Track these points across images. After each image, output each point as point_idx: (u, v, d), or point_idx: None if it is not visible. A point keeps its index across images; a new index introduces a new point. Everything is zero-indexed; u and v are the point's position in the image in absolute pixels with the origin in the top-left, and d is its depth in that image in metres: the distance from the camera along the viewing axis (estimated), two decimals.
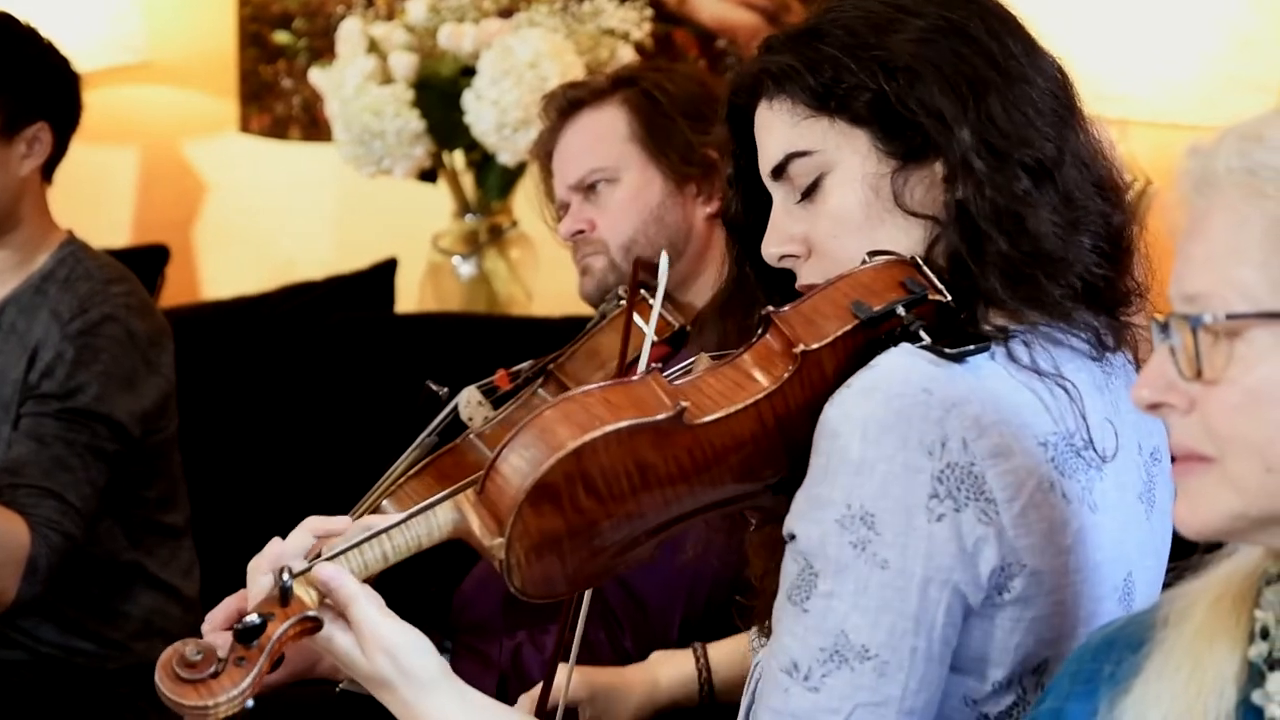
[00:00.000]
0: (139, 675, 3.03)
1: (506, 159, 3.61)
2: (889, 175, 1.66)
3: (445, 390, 2.41)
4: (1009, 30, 1.72)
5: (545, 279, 3.81)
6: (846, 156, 1.68)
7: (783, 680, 1.55)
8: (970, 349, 1.58)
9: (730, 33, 3.97)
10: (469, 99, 3.58)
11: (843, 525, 1.53)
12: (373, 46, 3.73)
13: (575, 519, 1.56)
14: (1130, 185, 1.74)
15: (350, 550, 1.57)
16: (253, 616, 1.53)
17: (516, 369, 2.54)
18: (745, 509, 1.69)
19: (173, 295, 4.05)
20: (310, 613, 1.55)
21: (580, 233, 2.55)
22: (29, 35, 3.01)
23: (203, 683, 1.53)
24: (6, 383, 2.93)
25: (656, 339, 2.43)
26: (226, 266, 4.32)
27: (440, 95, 3.66)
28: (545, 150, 2.61)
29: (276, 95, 4.24)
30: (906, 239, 1.66)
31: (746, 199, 1.78)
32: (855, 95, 1.67)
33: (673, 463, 1.57)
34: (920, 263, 1.64)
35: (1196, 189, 1.30)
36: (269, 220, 4.29)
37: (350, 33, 3.76)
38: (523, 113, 3.48)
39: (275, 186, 4.29)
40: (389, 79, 3.68)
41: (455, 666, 2.35)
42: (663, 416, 1.55)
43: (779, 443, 1.60)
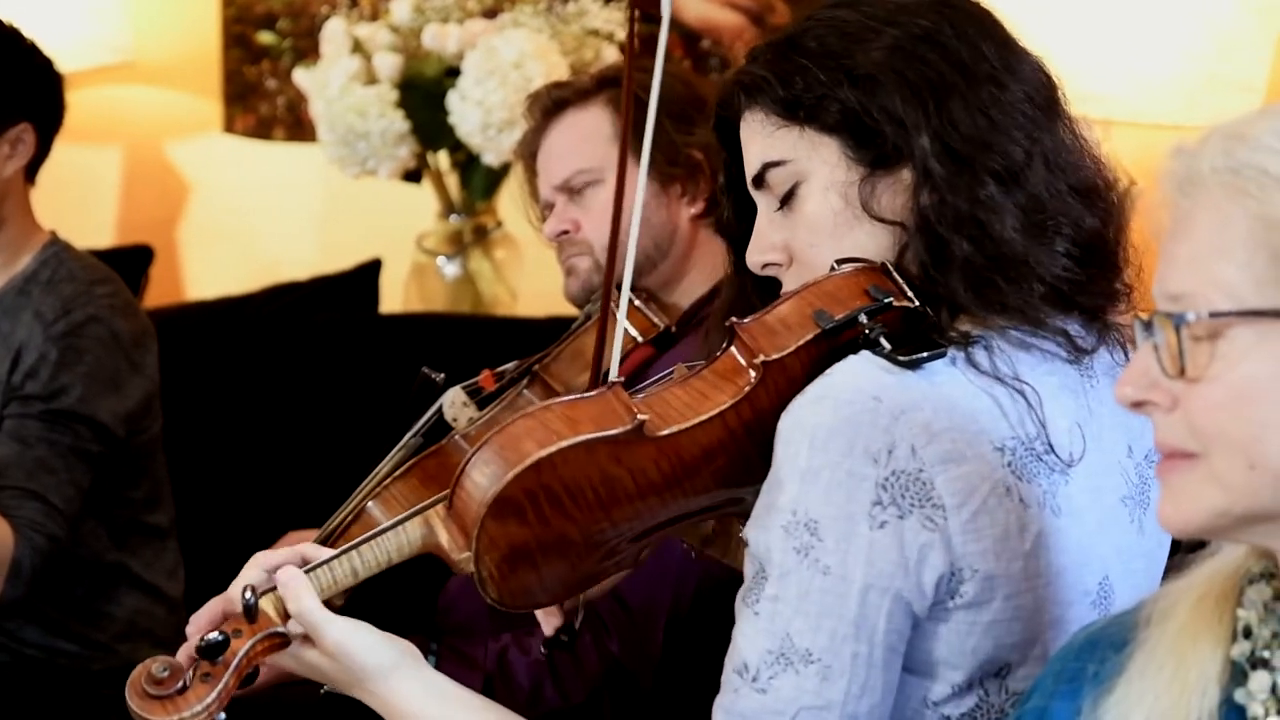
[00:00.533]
0: (123, 677, 3.01)
1: (491, 159, 3.61)
2: (857, 183, 1.68)
3: (442, 376, 2.41)
4: (982, 33, 1.72)
5: (530, 279, 3.81)
6: (818, 165, 1.70)
7: (734, 680, 1.57)
8: (924, 356, 1.58)
9: (715, 33, 3.97)
10: (453, 99, 3.58)
11: (788, 531, 1.55)
12: (357, 47, 3.73)
13: (543, 531, 1.58)
14: (1117, 185, 1.74)
15: (319, 568, 1.60)
16: (215, 634, 1.57)
17: (501, 370, 2.54)
18: (732, 514, 1.70)
19: (157, 296, 4.05)
20: (276, 629, 1.59)
21: (565, 233, 2.55)
22: (11, 35, 3.01)
23: (169, 699, 1.57)
24: None
25: (641, 339, 2.43)
26: (211, 267, 4.31)
27: (425, 96, 3.66)
28: (530, 150, 2.61)
29: (261, 96, 4.23)
30: (876, 246, 1.67)
31: (738, 208, 1.80)
32: (824, 105, 1.68)
33: (640, 474, 1.59)
34: (891, 269, 1.65)
35: (1180, 189, 1.30)
36: (253, 221, 4.29)
37: (334, 33, 3.76)
38: (507, 113, 3.48)
39: (259, 187, 4.28)
40: (373, 80, 3.68)
41: (440, 668, 2.35)
42: (620, 430, 1.57)
43: (752, 451, 1.61)
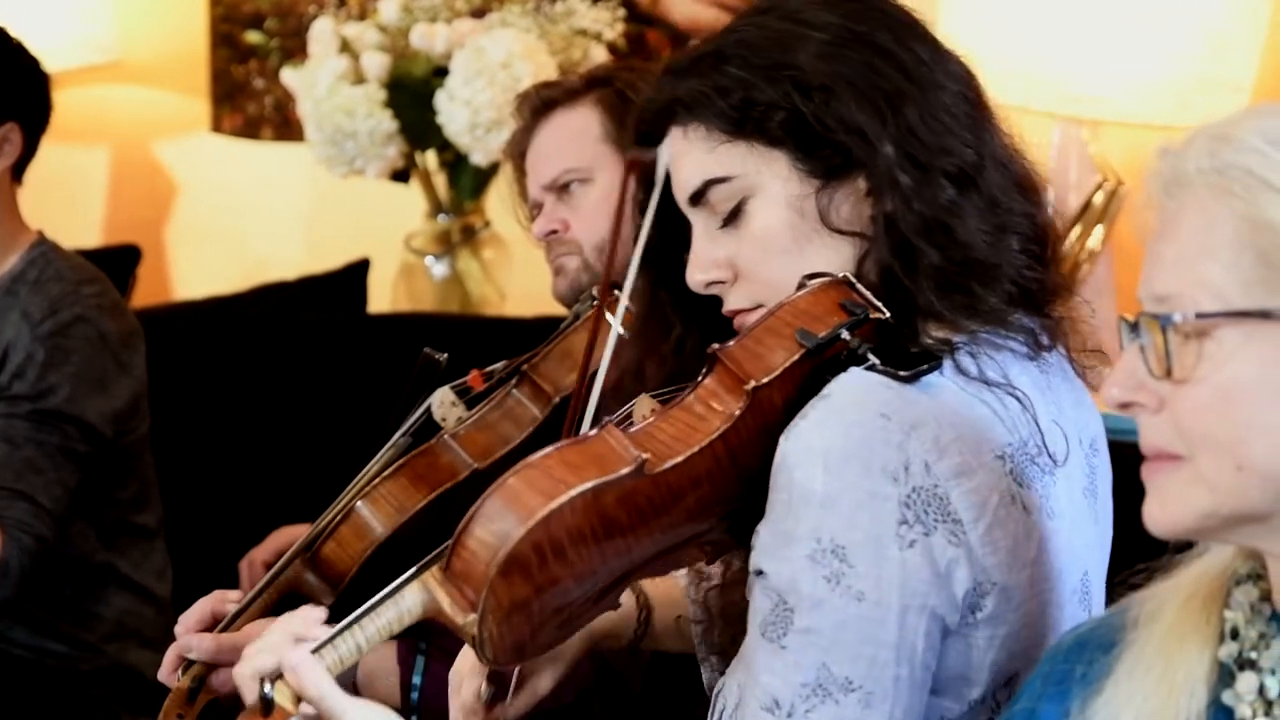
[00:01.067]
0: (111, 677, 3.03)
1: (479, 159, 3.60)
2: (813, 195, 1.65)
3: (444, 356, 2.40)
4: (915, 36, 1.70)
5: (518, 279, 3.81)
6: (768, 180, 1.66)
7: (764, 718, 1.53)
8: (923, 368, 1.57)
9: (702, 33, 3.97)
10: (441, 99, 3.58)
11: (814, 560, 1.51)
12: (345, 46, 3.72)
13: (545, 584, 1.53)
14: (1047, 181, 1.72)
15: (324, 647, 1.54)
16: None
17: (490, 369, 2.53)
18: (701, 544, 1.67)
19: (144, 296, 4.04)
20: (294, 718, 1.52)
21: (554, 233, 2.55)
22: None
23: None
24: None
25: (624, 333, 2.42)
26: (198, 267, 4.31)
27: (413, 95, 3.65)
28: (518, 150, 2.60)
29: (248, 95, 4.22)
30: (836, 257, 1.65)
31: (660, 225, 1.75)
32: (770, 116, 1.64)
33: (634, 513, 1.55)
34: (854, 281, 1.63)
35: (1166, 190, 1.30)
36: (241, 220, 4.28)
37: (322, 33, 3.75)
38: (495, 113, 3.48)
39: (247, 187, 4.27)
40: (361, 79, 3.67)
41: (430, 669, 2.35)
42: (626, 471, 1.53)
43: (734, 477, 1.59)
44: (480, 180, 3.79)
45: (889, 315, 1.61)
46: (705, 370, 1.60)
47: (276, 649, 1.55)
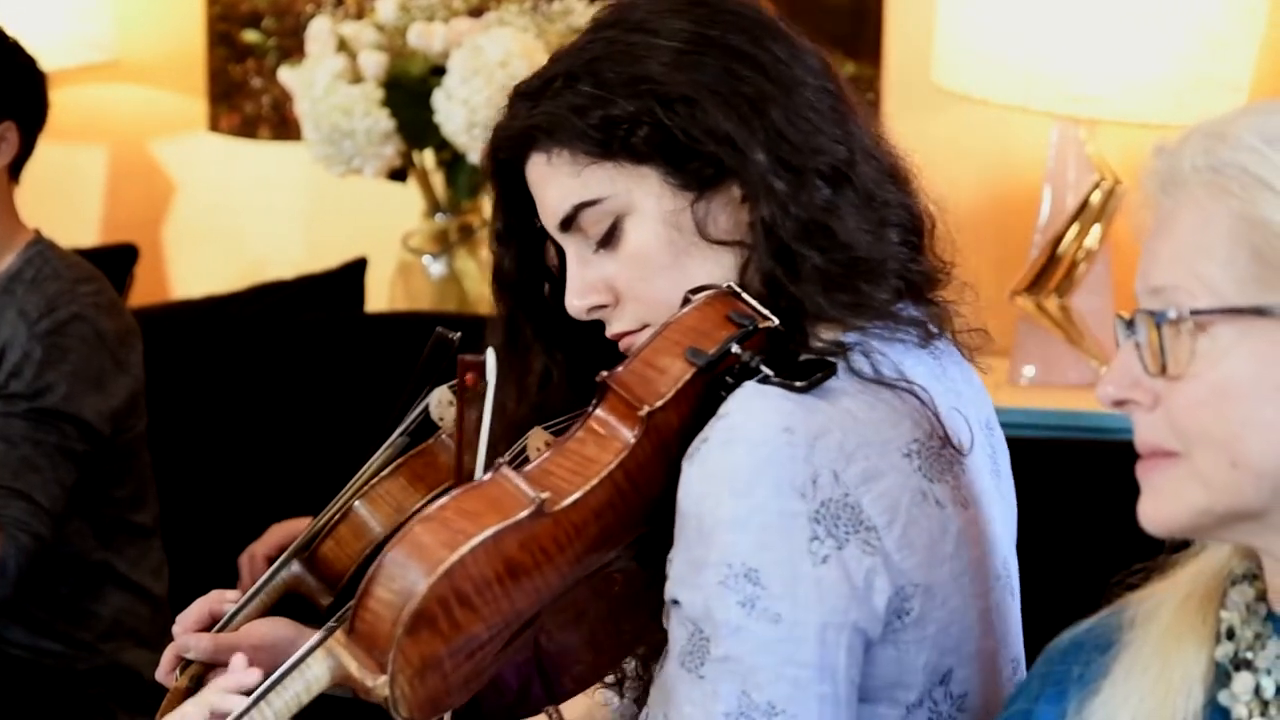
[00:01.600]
0: (108, 676, 3.02)
1: (477, 158, 3.59)
2: (688, 208, 1.61)
3: (458, 335, 2.39)
4: (769, 35, 1.65)
5: None
6: (640, 198, 1.62)
7: None
8: (818, 377, 1.52)
9: None
10: (439, 98, 3.58)
11: (726, 585, 1.48)
12: (342, 45, 3.72)
13: (454, 636, 1.49)
14: (916, 170, 1.68)
15: None
16: None
17: None
18: (611, 573, 1.63)
19: (142, 294, 4.04)
20: None
21: None
22: None
23: None
24: None
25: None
26: (196, 266, 4.30)
27: (410, 94, 3.65)
28: None
29: (246, 94, 4.22)
30: (718, 268, 1.61)
31: (521, 254, 1.72)
32: (634, 133, 1.60)
33: (539, 554, 1.50)
34: (739, 291, 1.59)
35: (1163, 188, 1.30)
36: (238, 219, 4.28)
37: (320, 32, 3.75)
38: (493, 112, 3.46)
39: (244, 186, 4.27)
40: (359, 78, 3.67)
41: None
42: (525, 514, 1.48)
43: (636, 503, 1.55)
44: (478, 179, 3.78)
45: (777, 322, 1.57)
46: (596, 399, 1.56)
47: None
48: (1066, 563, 1.88)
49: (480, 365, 1.62)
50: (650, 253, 1.62)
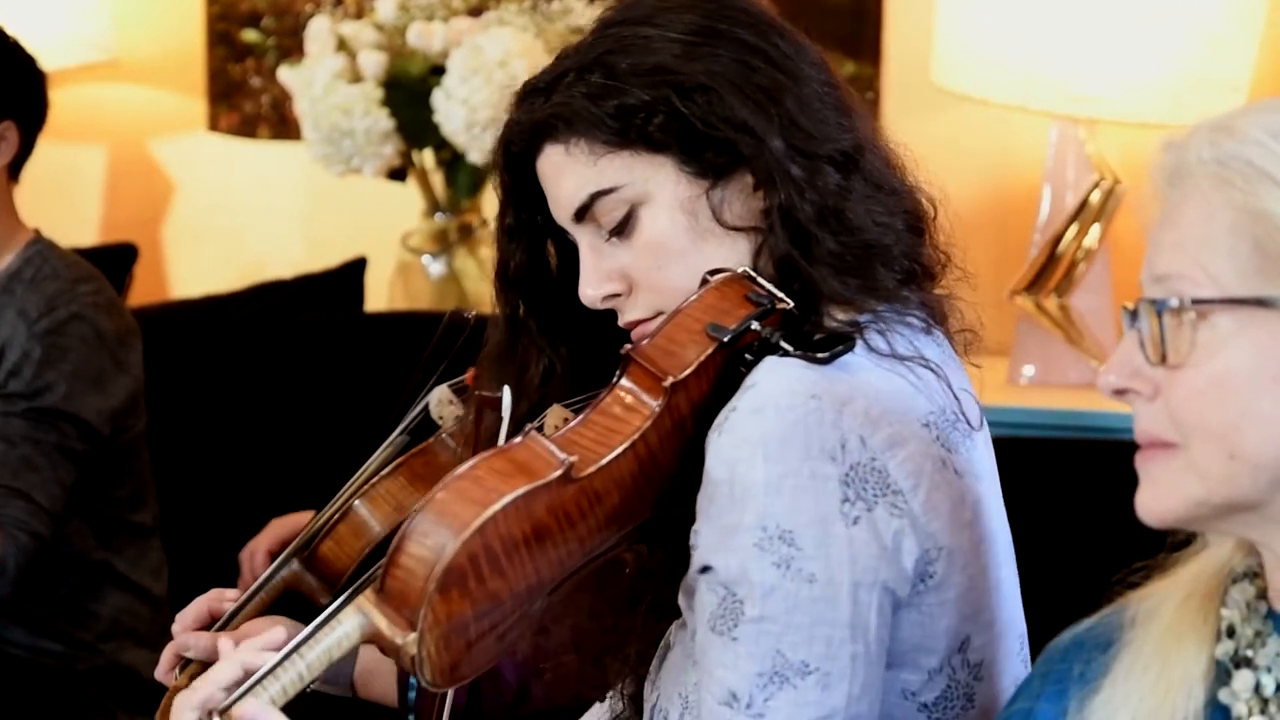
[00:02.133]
0: (108, 676, 3.02)
1: (476, 158, 3.60)
2: (703, 195, 1.65)
3: (474, 314, 2.39)
4: (774, 30, 1.69)
5: None
6: (656, 186, 1.65)
7: (722, 713, 1.54)
8: (839, 349, 1.57)
9: None
10: (438, 98, 3.58)
11: (761, 548, 1.51)
12: (342, 45, 3.72)
13: (481, 597, 1.52)
14: (915, 164, 1.74)
15: (267, 678, 1.53)
16: None
17: None
18: (621, 554, 1.66)
19: (141, 294, 4.04)
20: None
21: None
22: None
23: None
24: None
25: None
26: (195, 265, 4.30)
27: (409, 94, 3.65)
28: None
29: (245, 94, 4.22)
30: (732, 254, 1.65)
31: (530, 250, 1.75)
32: (650, 122, 1.64)
33: (563, 519, 1.54)
34: (754, 275, 1.63)
35: (1170, 181, 1.31)
36: (238, 219, 4.28)
37: (319, 31, 3.75)
38: (492, 111, 3.47)
39: (244, 185, 4.27)
40: (358, 77, 3.67)
41: None
42: (555, 476, 1.52)
43: (655, 478, 1.59)
44: (477, 179, 3.78)
45: (792, 304, 1.62)
46: (619, 372, 1.60)
47: (222, 682, 1.54)
48: (1067, 562, 1.88)
49: (496, 401, 1.68)
50: (666, 240, 1.66)
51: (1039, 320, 3.32)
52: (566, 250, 1.74)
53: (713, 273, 1.64)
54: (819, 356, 1.56)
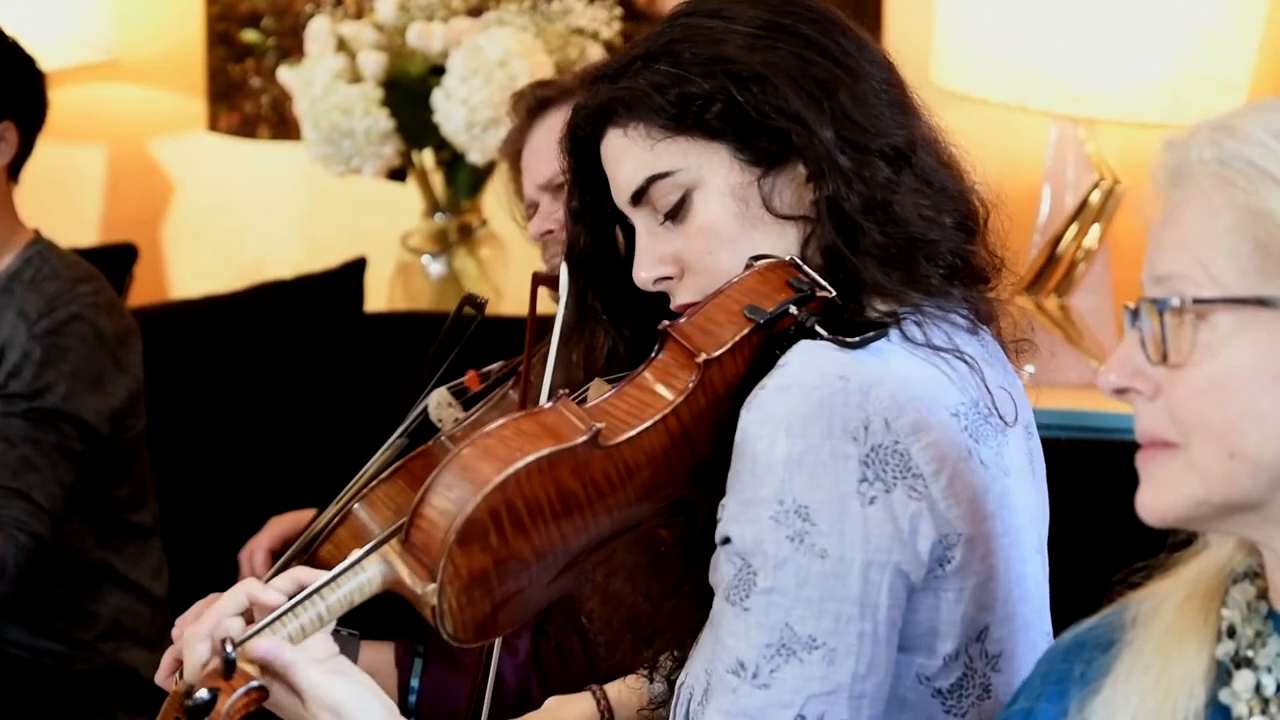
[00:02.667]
0: (107, 676, 3.02)
1: (476, 158, 3.60)
2: (755, 183, 1.69)
3: (486, 300, 2.39)
4: (839, 28, 1.73)
5: (515, 278, 3.81)
6: (709, 172, 1.69)
7: (730, 680, 1.56)
8: (870, 335, 1.61)
9: None
10: (438, 98, 3.58)
11: (777, 521, 1.55)
12: (341, 45, 3.72)
13: (503, 555, 1.55)
14: (969, 164, 1.77)
15: (285, 615, 1.55)
16: (203, 692, 1.51)
17: (486, 370, 2.53)
18: (654, 529, 1.69)
19: (141, 294, 4.04)
20: (255, 683, 1.54)
21: (550, 232, 2.55)
22: None
23: None
24: None
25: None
26: (195, 265, 4.30)
27: (409, 94, 3.65)
28: (514, 149, 2.61)
29: (245, 94, 4.22)
30: (781, 242, 1.69)
31: (594, 232, 1.79)
32: (708, 109, 1.68)
33: (591, 487, 1.57)
34: (799, 263, 1.67)
35: (1171, 181, 1.31)
36: (238, 219, 4.28)
37: (319, 31, 3.75)
38: (492, 111, 3.48)
39: (244, 185, 4.27)
40: (358, 78, 3.67)
41: (428, 670, 2.35)
42: (579, 441, 1.55)
43: (688, 456, 1.62)
44: (477, 179, 3.79)
45: (834, 293, 1.65)
46: (657, 347, 1.64)
47: (235, 608, 1.58)
48: (1067, 562, 1.88)
49: (554, 279, 1.73)
50: (718, 226, 1.69)
51: (1039, 320, 3.32)
52: (631, 236, 1.78)
53: (758, 258, 1.67)
54: (850, 341, 1.59)
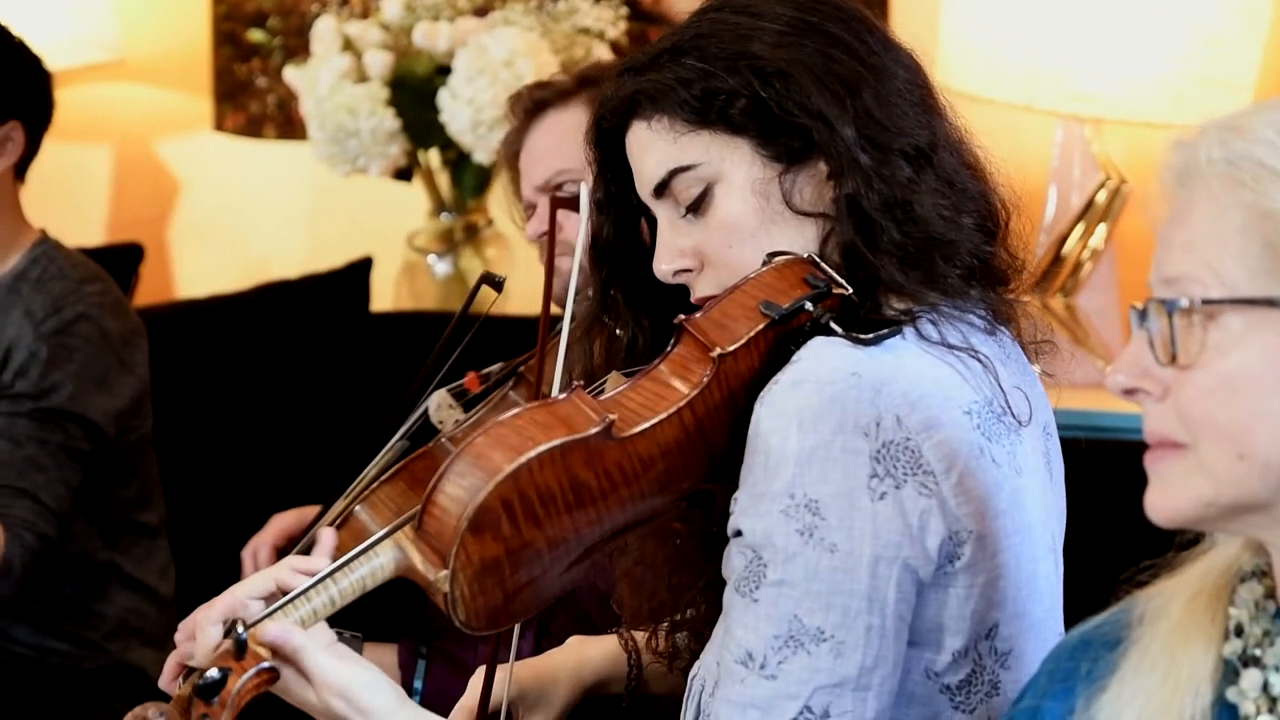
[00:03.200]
0: (114, 675, 3.03)
1: (482, 157, 3.60)
2: (776, 179, 1.70)
3: (504, 278, 2.39)
4: (866, 28, 1.75)
5: (521, 277, 3.80)
6: (731, 167, 1.71)
7: (738, 671, 1.58)
8: (884, 333, 1.61)
9: None
10: (444, 97, 3.58)
11: (788, 514, 1.56)
12: (347, 45, 3.73)
13: (515, 544, 1.56)
14: (994, 167, 1.79)
15: (298, 598, 1.57)
16: (213, 671, 1.53)
17: (486, 371, 2.53)
18: (670, 522, 1.70)
19: (147, 294, 4.04)
20: (266, 664, 1.55)
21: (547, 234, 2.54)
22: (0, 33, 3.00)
23: None
24: None
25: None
26: (201, 265, 4.31)
27: (415, 94, 3.65)
28: (512, 151, 2.61)
29: (251, 94, 4.22)
30: (800, 238, 1.70)
31: (617, 222, 1.81)
32: (731, 104, 1.69)
33: (604, 478, 1.59)
34: (817, 260, 1.68)
35: (1179, 180, 1.31)
36: (244, 219, 4.28)
37: (325, 31, 3.75)
38: (498, 111, 3.47)
39: (250, 185, 4.27)
40: (364, 77, 3.67)
41: (429, 671, 2.35)
42: (593, 431, 1.56)
43: (703, 449, 1.63)
44: (483, 179, 3.79)
45: (851, 291, 1.66)
46: (673, 341, 1.65)
47: (253, 593, 1.60)
48: (1075, 561, 1.88)
49: (574, 200, 1.76)
50: (738, 220, 1.71)
51: (1044, 320, 3.32)
52: (655, 228, 1.80)
53: (775, 254, 1.68)
54: (863, 337, 1.60)
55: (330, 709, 1.59)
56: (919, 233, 1.67)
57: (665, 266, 1.74)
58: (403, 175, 3.81)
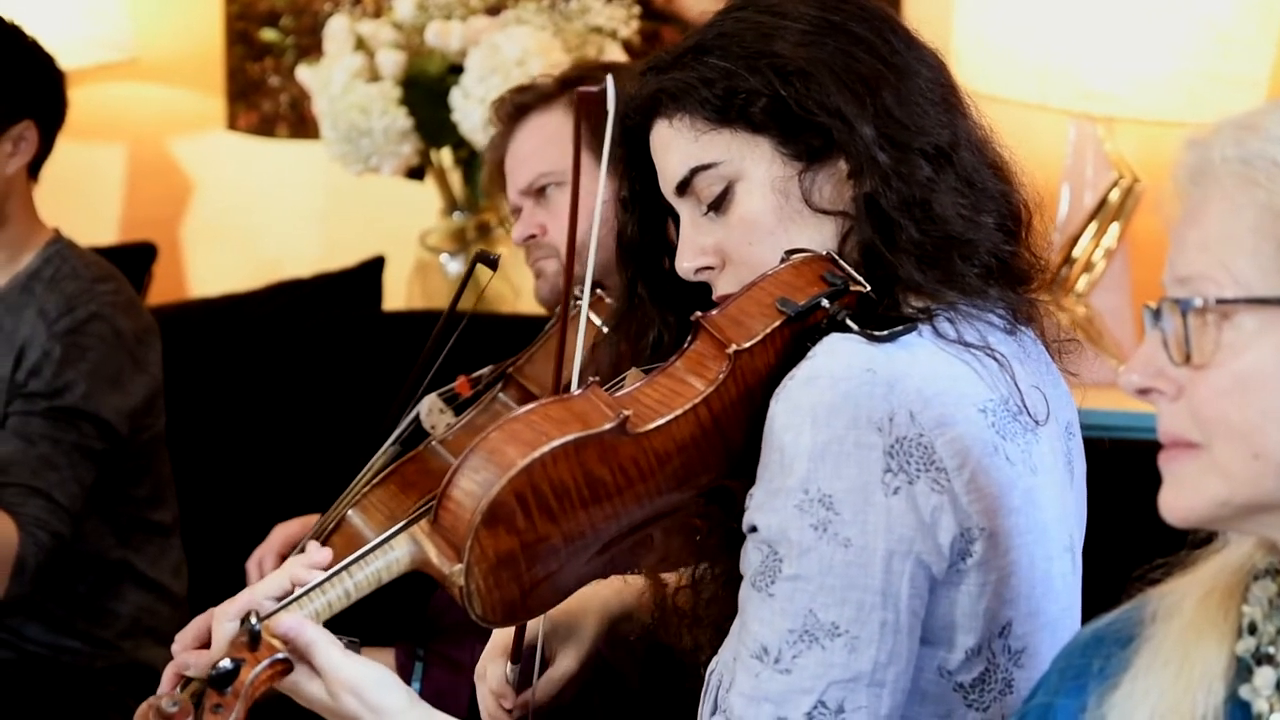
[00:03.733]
0: (127, 674, 3.03)
1: None
2: (796, 177, 1.71)
3: (499, 256, 2.40)
4: (889, 27, 1.76)
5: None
6: (752, 165, 1.72)
7: (753, 665, 1.58)
8: (899, 329, 1.62)
9: None
10: (456, 96, 3.58)
11: (802, 510, 1.57)
12: (360, 44, 3.73)
13: (530, 538, 1.57)
14: (1017, 166, 1.79)
15: (313, 591, 1.58)
16: (226, 661, 1.54)
17: (476, 375, 2.54)
18: (690, 518, 1.71)
19: (160, 293, 4.05)
20: (280, 655, 1.56)
21: (532, 237, 2.56)
22: (13, 33, 3.01)
23: None
24: None
25: (600, 321, 2.41)
26: (214, 264, 4.31)
27: (428, 93, 3.66)
28: (497, 156, 2.61)
29: (264, 93, 4.23)
30: (819, 236, 1.71)
31: (642, 220, 1.82)
32: (752, 103, 1.70)
33: (619, 474, 1.59)
34: (835, 257, 1.69)
35: (1193, 179, 1.31)
36: (256, 218, 4.29)
37: (337, 30, 3.76)
38: None
39: (263, 184, 4.28)
40: (376, 77, 3.68)
41: (428, 674, 2.35)
42: (607, 427, 1.57)
43: (719, 446, 1.64)
44: None
45: (869, 288, 1.67)
46: (690, 338, 1.66)
47: (270, 592, 1.61)
48: (1088, 559, 1.88)
49: (600, 95, 1.77)
50: (758, 218, 1.72)
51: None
52: (679, 224, 1.80)
53: (793, 251, 1.69)
54: (878, 334, 1.61)
55: (341, 705, 1.59)
56: (937, 231, 1.68)
57: (687, 264, 1.76)
58: (415, 174, 3.81)
